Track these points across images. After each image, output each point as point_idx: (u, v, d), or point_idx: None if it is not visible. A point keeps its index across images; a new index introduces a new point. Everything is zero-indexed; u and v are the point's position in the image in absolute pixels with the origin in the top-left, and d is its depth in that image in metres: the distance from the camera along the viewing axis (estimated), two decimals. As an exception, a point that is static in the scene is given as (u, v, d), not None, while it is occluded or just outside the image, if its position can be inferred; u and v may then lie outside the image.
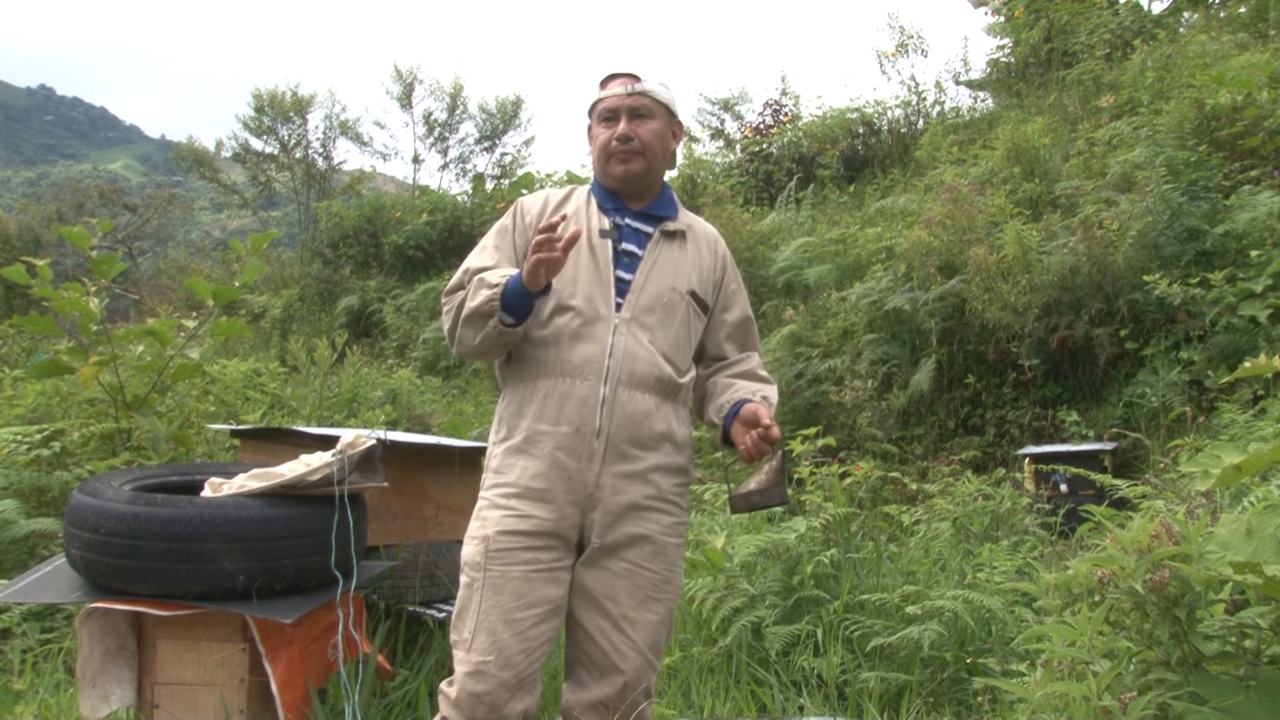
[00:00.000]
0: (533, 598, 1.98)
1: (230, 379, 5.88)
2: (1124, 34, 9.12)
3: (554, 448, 2.01)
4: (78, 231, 4.38)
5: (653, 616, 2.06)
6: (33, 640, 3.43)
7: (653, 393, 2.07)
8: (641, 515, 2.06)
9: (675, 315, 2.13)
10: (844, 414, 6.29)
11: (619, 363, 2.03)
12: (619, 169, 2.12)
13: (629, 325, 2.06)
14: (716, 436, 2.22)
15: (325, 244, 13.88)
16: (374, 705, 2.48)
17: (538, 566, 2.00)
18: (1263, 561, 1.63)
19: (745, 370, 2.27)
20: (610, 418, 2.02)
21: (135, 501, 2.27)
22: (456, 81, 18.46)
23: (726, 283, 2.27)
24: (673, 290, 2.12)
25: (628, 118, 2.12)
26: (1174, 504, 3.09)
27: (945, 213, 6.52)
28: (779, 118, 12.08)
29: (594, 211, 2.15)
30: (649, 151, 2.12)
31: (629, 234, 2.14)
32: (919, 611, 2.94)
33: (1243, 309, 4.95)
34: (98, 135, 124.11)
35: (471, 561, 2.02)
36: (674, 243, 2.17)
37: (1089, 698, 1.66)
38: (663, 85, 2.16)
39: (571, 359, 2.03)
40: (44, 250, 15.79)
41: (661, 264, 2.13)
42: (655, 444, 2.08)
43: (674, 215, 2.20)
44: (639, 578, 2.05)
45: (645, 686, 2.06)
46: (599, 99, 2.16)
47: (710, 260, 2.23)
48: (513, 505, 2.02)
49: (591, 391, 2.01)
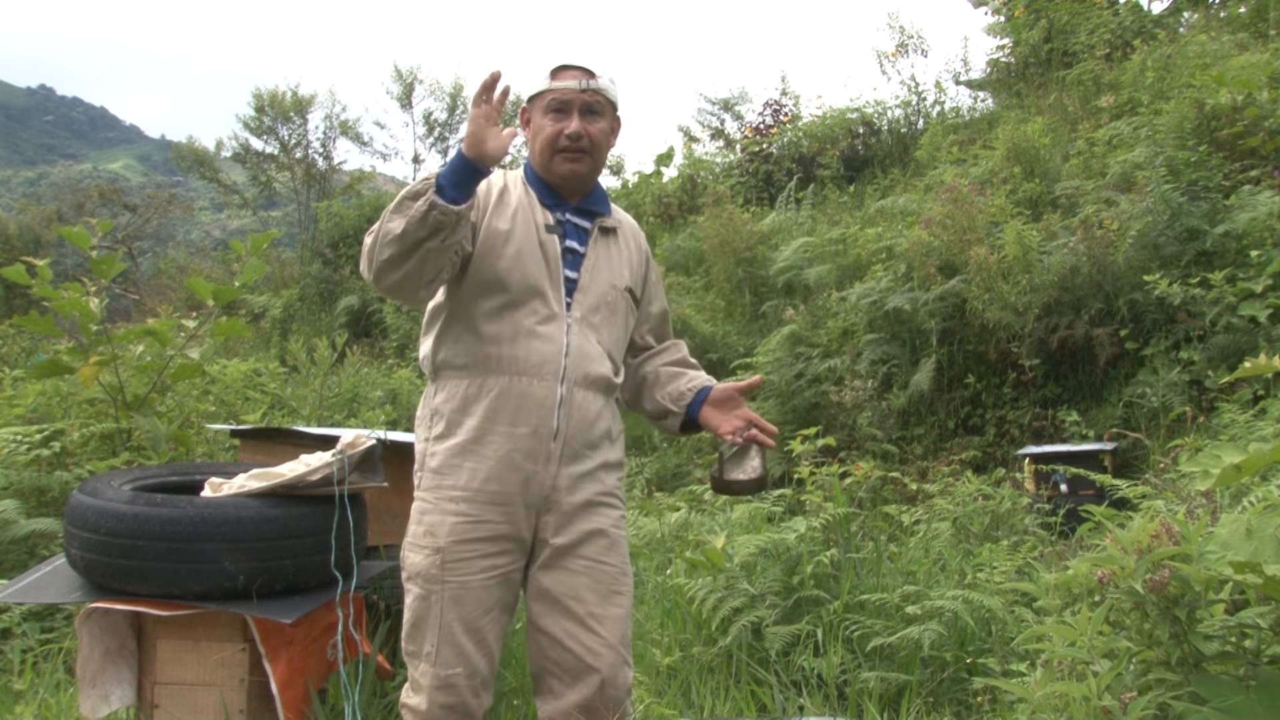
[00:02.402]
0: (490, 603, 1.97)
1: (230, 379, 5.88)
2: (1124, 34, 9.11)
3: (510, 449, 1.96)
4: (78, 231, 4.38)
5: (618, 610, 2.02)
6: (33, 640, 3.43)
7: (601, 392, 2.07)
8: (594, 511, 2.04)
9: (617, 313, 2.12)
10: (844, 414, 6.29)
11: (574, 363, 2.01)
12: (565, 167, 2.06)
13: (579, 324, 2.04)
14: (673, 423, 2.21)
15: (325, 244, 13.88)
16: (374, 705, 2.48)
17: (495, 572, 1.98)
18: (1263, 561, 1.63)
19: (681, 359, 2.28)
20: (568, 419, 2.00)
21: (135, 501, 2.27)
22: (456, 81, 18.43)
23: (650, 276, 2.26)
24: (613, 288, 2.11)
25: (580, 114, 2.04)
26: (1174, 504, 3.09)
27: (945, 213, 6.51)
28: (779, 118, 12.07)
29: (536, 205, 2.09)
30: (597, 151, 2.08)
31: (570, 230, 2.10)
32: (919, 611, 2.94)
33: (1243, 309, 4.95)
34: (98, 135, 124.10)
35: (425, 573, 1.96)
36: (609, 239, 2.15)
37: (1089, 698, 1.66)
38: (612, 82, 2.09)
39: (529, 358, 1.98)
40: (44, 250, 15.77)
41: (601, 262, 2.11)
42: (601, 442, 2.07)
43: (608, 211, 2.17)
44: (599, 573, 2.02)
45: (624, 683, 2.01)
46: (548, 90, 2.05)
47: (638, 255, 2.22)
48: (465, 510, 1.96)
49: (550, 392, 1.98)
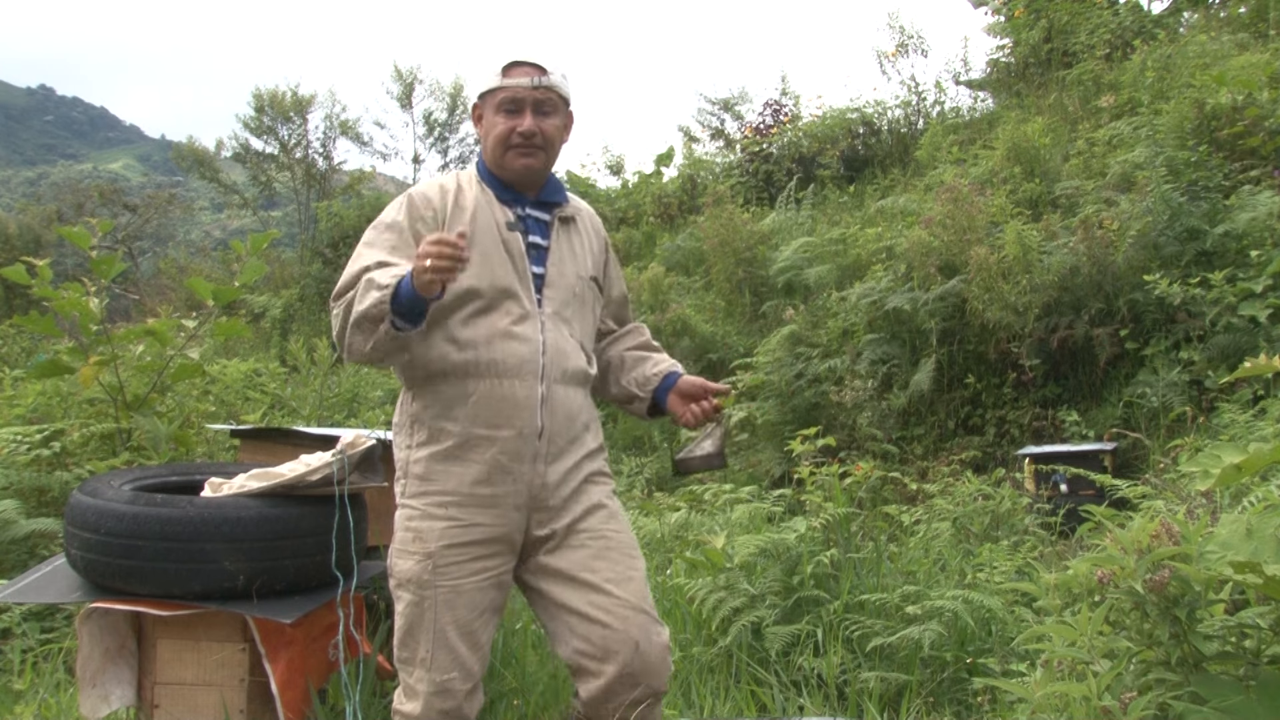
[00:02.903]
0: (483, 605, 1.98)
1: (230, 379, 5.88)
2: (1124, 34, 9.11)
3: (497, 452, 1.97)
4: (78, 231, 4.38)
5: (634, 573, 2.03)
6: (33, 640, 3.43)
7: (580, 386, 2.09)
8: (584, 492, 2.07)
9: (586, 304, 2.13)
10: (844, 414, 6.29)
11: (552, 360, 2.02)
12: (519, 163, 2.06)
13: (553, 320, 2.05)
14: (639, 408, 2.22)
15: (325, 244, 13.88)
16: (374, 705, 2.48)
17: (487, 575, 1.98)
18: (1263, 561, 1.63)
19: (644, 342, 2.29)
20: (550, 416, 2.01)
21: (135, 501, 2.27)
22: (456, 81, 18.48)
23: (610, 262, 2.27)
24: (579, 278, 2.12)
25: (532, 112, 2.05)
26: (1174, 504, 3.09)
27: (945, 213, 6.51)
28: (779, 118, 12.07)
29: (494, 202, 2.09)
30: (550, 147, 2.09)
31: (531, 225, 2.10)
32: (919, 611, 2.94)
33: (1243, 309, 4.95)
34: (98, 135, 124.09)
35: (417, 579, 1.95)
36: (570, 228, 2.16)
37: (1089, 698, 1.66)
38: (564, 78, 2.09)
39: (507, 359, 1.98)
40: (44, 250, 15.75)
41: (566, 253, 2.12)
42: (583, 433, 2.09)
43: (565, 199, 2.17)
44: (608, 541, 2.04)
45: (660, 642, 1.98)
46: (500, 86, 2.04)
47: (598, 242, 2.23)
48: (454, 515, 1.97)
49: (531, 392, 1.98)
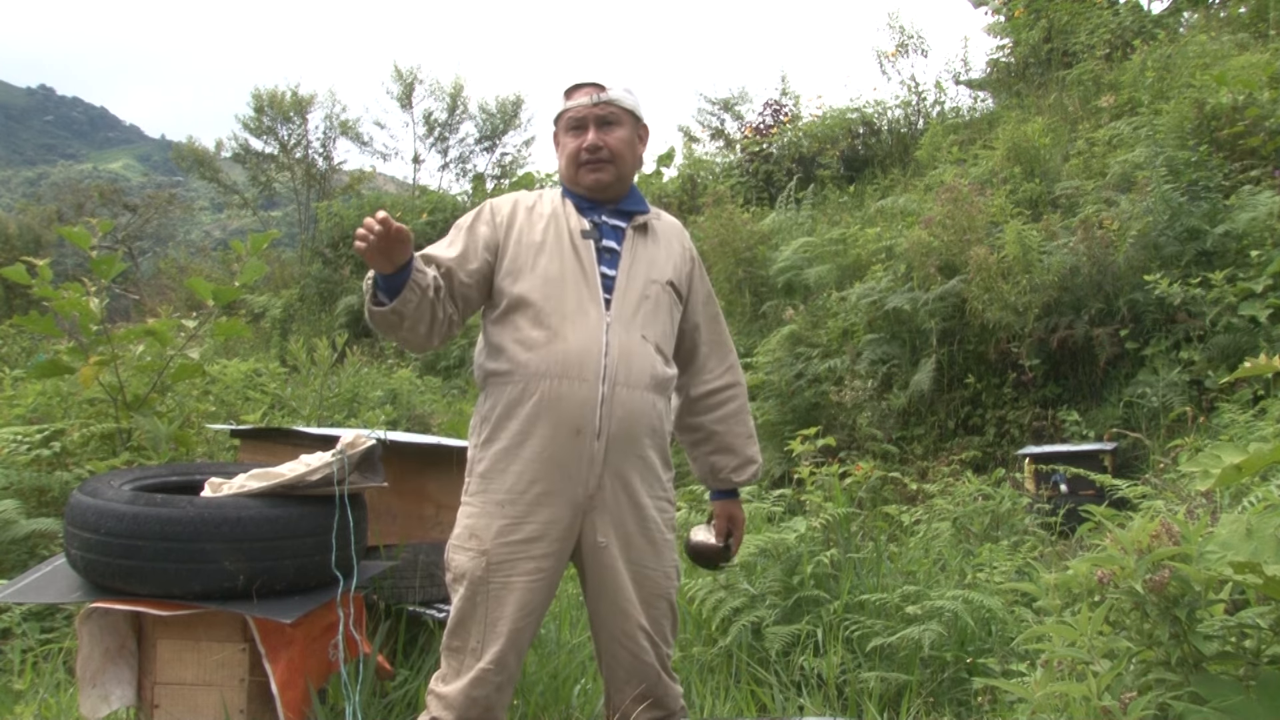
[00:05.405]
0: (532, 606, 2.01)
1: (230, 379, 5.88)
2: (1124, 34, 9.12)
3: (553, 451, 2.00)
4: (78, 231, 4.38)
5: (656, 611, 2.12)
6: (33, 640, 3.43)
7: (648, 389, 2.08)
8: (639, 511, 2.08)
9: (661, 307, 2.15)
10: (844, 414, 6.29)
11: (615, 361, 2.02)
12: (590, 178, 2.14)
13: (620, 322, 2.06)
14: (696, 472, 2.35)
15: (325, 244, 13.88)
16: (374, 705, 2.48)
17: (538, 576, 2.01)
18: (1263, 561, 1.63)
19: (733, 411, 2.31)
20: (610, 418, 2.01)
21: (135, 501, 2.26)
22: (456, 81, 18.47)
23: (695, 272, 2.29)
24: (653, 282, 2.14)
25: (596, 127, 2.13)
26: (1174, 504, 3.09)
27: (945, 213, 6.52)
28: (779, 118, 12.07)
29: (571, 213, 2.16)
30: (619, 160, 2.14)
31: (607, 231, 2.15)
32: (919, 611, 2.94)
33: (1243, 309, 4.95)
34: (98, 135, 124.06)
35: (471, 574, 2.01)
36: (646, 236, 2.19)
37: (1089, 698, 1.66)
38: (627, 91, 2.17)
39: (567, 360, 2.01)
40: (44, 250, 15.76)
41: (640, 257, 2.15)
42: (650, 441, 2.09)
43: (644, 210, 2.23)
44: (642, 575, 2.09)
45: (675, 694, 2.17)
46: (565, 110, 2.17)
47: (680, 251, 2.26)
48: (510, 513, 2.01)
49: (590, 392, 2.00)
